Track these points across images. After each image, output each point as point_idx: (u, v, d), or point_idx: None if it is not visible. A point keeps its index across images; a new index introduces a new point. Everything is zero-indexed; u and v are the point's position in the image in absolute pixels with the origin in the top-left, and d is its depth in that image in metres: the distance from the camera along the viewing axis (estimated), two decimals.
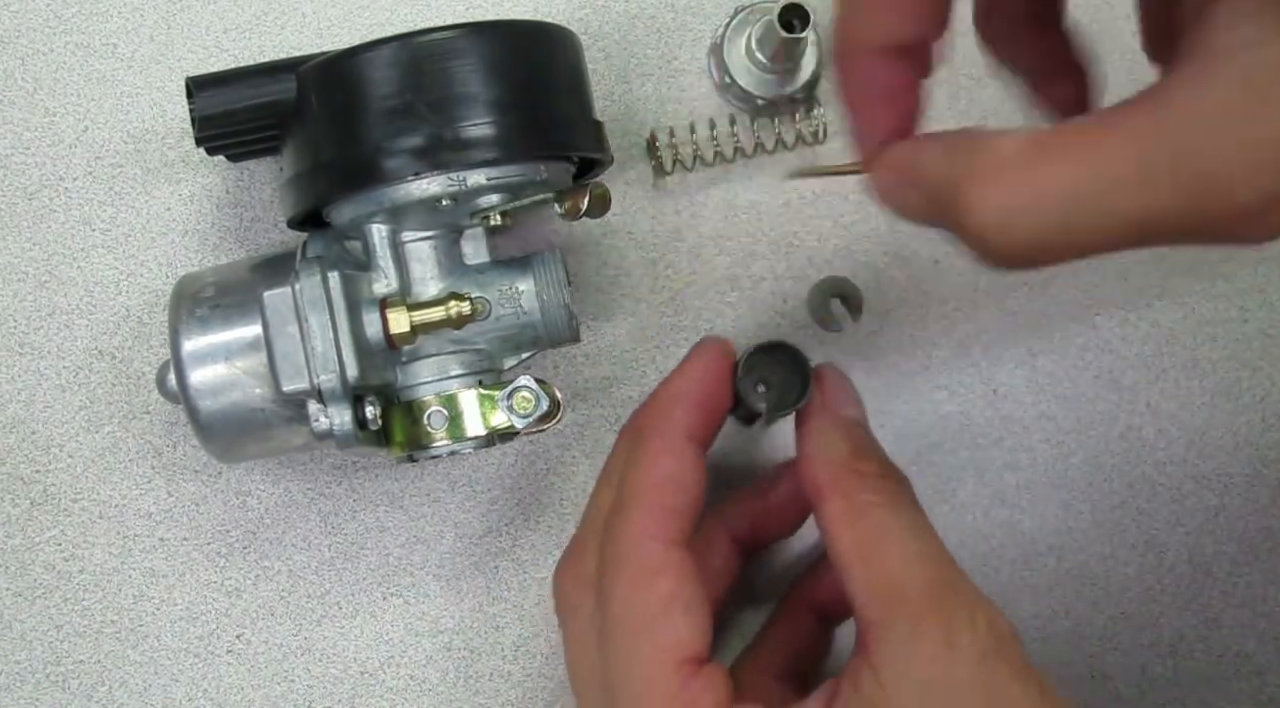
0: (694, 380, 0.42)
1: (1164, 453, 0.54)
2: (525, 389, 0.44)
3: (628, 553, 0.40)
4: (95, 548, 0.52)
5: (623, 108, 0.53)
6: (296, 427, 0.44)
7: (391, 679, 0.52)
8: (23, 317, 0.52)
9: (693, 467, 0.41)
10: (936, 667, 0.36)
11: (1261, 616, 0.54)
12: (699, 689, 0.38)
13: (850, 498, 0.39)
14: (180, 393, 0.44)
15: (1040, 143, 0.30)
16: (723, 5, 0.53)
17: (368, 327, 0.43)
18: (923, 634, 0.36)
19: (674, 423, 0.41)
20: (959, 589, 0.37)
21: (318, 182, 0.43)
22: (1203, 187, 0.29)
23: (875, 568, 0.38)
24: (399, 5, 0.52)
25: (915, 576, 0.37)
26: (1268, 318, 0.54)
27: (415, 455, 0.45)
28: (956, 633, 0.36)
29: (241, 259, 0.48)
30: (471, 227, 0.46)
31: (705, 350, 0.43)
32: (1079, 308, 0.54)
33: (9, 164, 0.52)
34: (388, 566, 0.52)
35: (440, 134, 0.41)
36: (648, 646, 0.38)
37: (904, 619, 0.36)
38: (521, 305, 0.45)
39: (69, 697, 0.51)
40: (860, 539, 0.38)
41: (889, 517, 0.39)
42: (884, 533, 0.38)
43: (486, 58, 0.42)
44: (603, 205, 0.43)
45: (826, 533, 0.39)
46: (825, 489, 0.40)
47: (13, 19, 0.52)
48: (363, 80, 0.42)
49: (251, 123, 0.44)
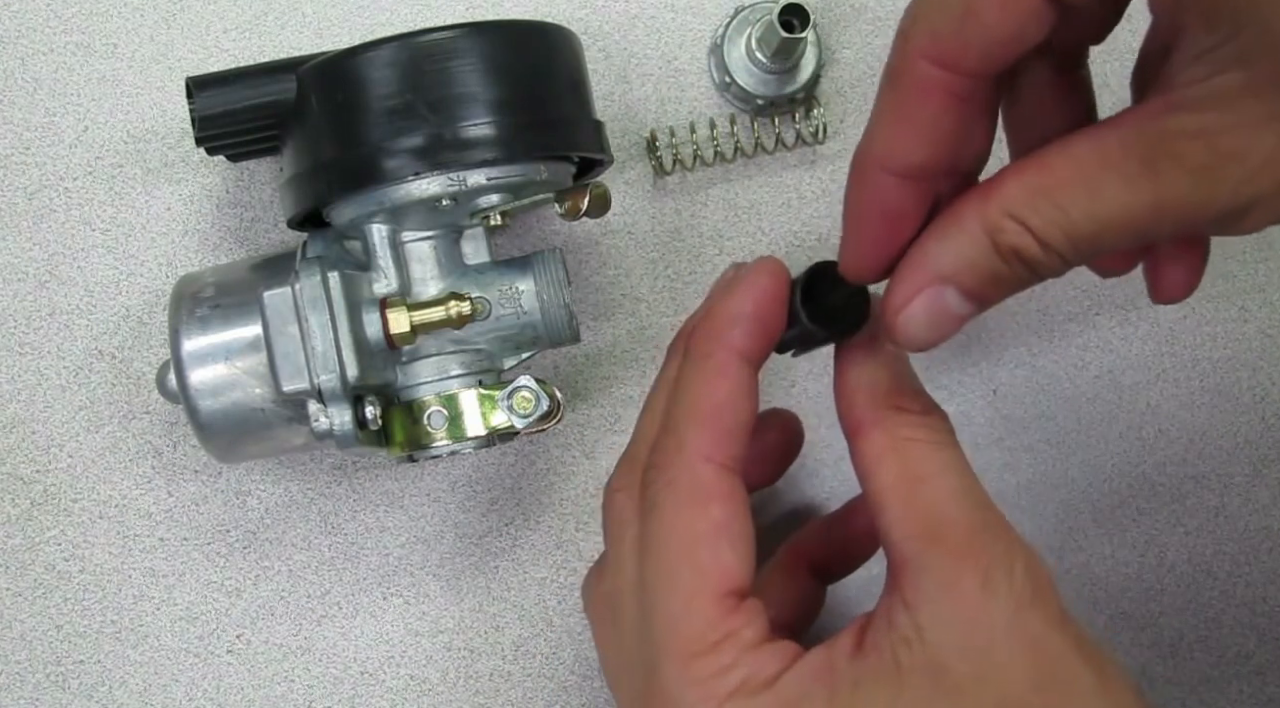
0: (752, 300, 0.40)
1: (1164, 453, 0.54)
2: (525, 389, 0.44)
3: (680, 474, 0.38)
4: (95, 548, 0.52)
5: (623, 108, 0.53)
6: (296, 427, 0.44)
7: (391, 679, 0.52)
8: (23, 317, 0.52)
9: (749, 390, 0.40)
10: (974, 610, 0.35)
11: (1261, 616, 0.54)
12: (739, 623, 0.37)
13: (892, 433, 0.38)
14: (180, 393, 0.44)
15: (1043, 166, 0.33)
16: (723, 5, 0.53)
17: (368, 327, 0.43)
18: (961, 575, 0.35)
19: (731, 343, 0.40)
20: (999, 532, 0.36)
21: (318, 182, 0.43)
22: None
23: (915, 505, 0.37)
24: (399, 5, 0.52)
25: (955, 515, 0.36)
26: (1268, 318, 0.54)
27: (415, 455, 0.45)
28: (994, 577, 0.35)
29: (241, 259, 0.48)
30: (472, 226, 0.46)
31: (763, 270, 0.41)
32: (1079, 308, 0.54)
33: (9, 164, 0.52)
34: (388, 566, 0.52)
35: (440, 134, 0.41)
36: (691, 570, 0.37)
37: (943, 558, 0.36)
38: (521, 305, 0.45)
39: (69, 697, 0.51)
40: (900, 476, 0.37)
41: (931, 454, 0.38)
42: (925, 471, 0.37)
43: (487, 58, 0.42)
44: (603, 205, 0.43)
45: (863, 469, 0.38)
46: (865, 423, 0.38)
47: (13, 19, 0.52)
48: (363, 80, 0.42)
49: (251, 123, 0.44)
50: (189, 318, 0.44)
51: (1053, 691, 0.34)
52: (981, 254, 0.34)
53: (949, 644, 0.35)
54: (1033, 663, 0.35)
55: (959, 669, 0.34)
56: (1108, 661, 0.36)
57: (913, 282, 0.35)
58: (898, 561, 0.36)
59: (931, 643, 0.35)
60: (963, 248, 0.34)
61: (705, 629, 0.37)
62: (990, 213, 0.34)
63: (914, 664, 0.35)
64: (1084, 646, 0.35)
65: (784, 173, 0.53)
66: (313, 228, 0.46)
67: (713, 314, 0.41)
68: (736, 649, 0.36)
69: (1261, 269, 0.54)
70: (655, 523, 0.39)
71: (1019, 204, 0.33)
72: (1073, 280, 0.54)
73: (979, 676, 0.34)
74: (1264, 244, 0.54)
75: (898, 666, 0.35)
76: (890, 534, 0.37)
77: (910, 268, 0.35)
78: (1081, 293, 0.54)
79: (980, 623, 0.35)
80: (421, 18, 0.52)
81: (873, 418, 0.38)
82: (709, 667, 0.36)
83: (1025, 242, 0.33)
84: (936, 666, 0.35)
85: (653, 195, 0.53)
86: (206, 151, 0.45)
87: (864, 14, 0.53)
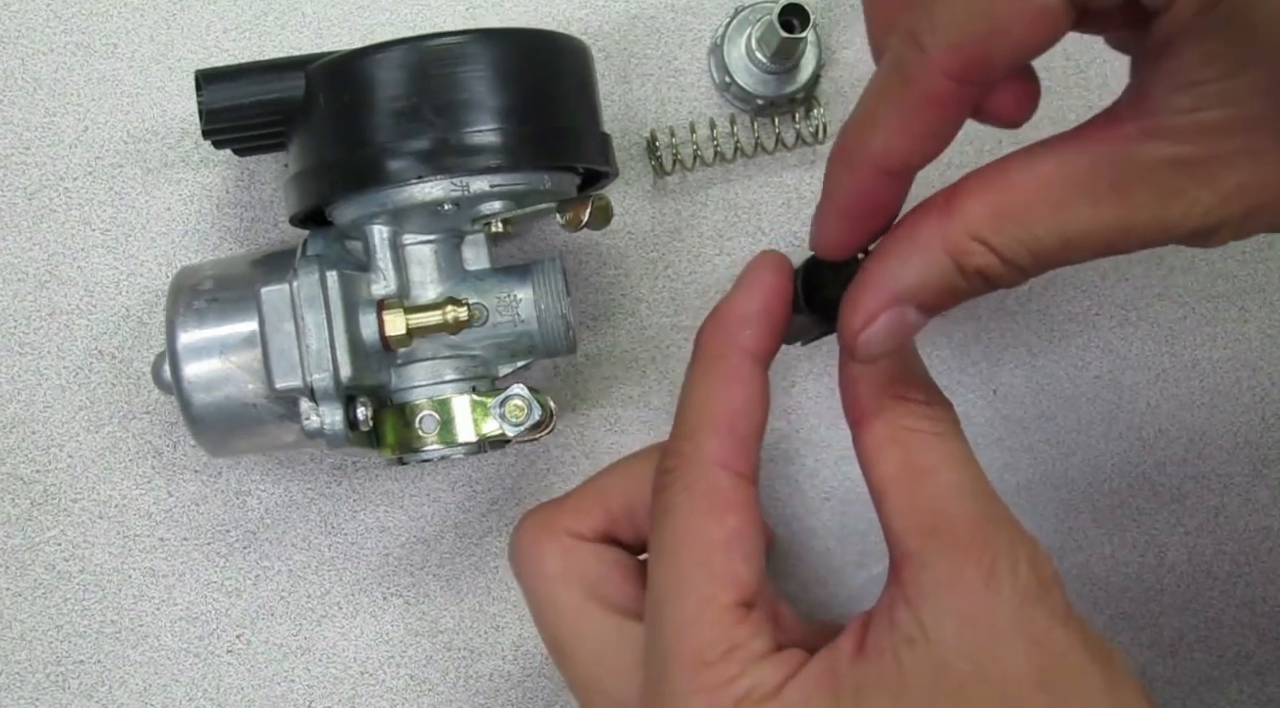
0: (760, 298, 0.39)
1: (1164, 453, 0.54)
2: (518, 398, 0.44)
3: (697, 481, 0.38)
4: (95, 548, 0.52)
5: (623, 108, 0.53)
6: (288, 424, 0.44)
7: (391, 679, 0.52)
8: (23, 317, 0.52)
9: (763, 393, 0.39)
10: (977, 606, 0.34)
11: (1261, 616, 0.54)
12: (748, 633, 0.37)
13: (894, 424, 0.37)
14: (174, 385, 0.44)
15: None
16: (723, 5, 0.53)
17: (364, 327, 0.43)
18: (964, 570, 0.35)
19: (744, 346, 0.39)
20: (1003, 525, 0.36)
21: (321, 180, 0.43)
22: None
23: (917, 498, 0.36)
24: (399, 5, 0.52)
25: (958, 508, 0.36)
26: (1268, 318, 0.54)
27: (405, 458, 0.45)
28: (998, 572, 0.35)
29: (242, 253, 0.48)
30: (473, 232, 0.46)
31: (767, 265, 0.40)
32: (1079, 308, 0.54)
33: (9, 164, 0.52)
34: (388, 566, 0.52)
35: (445, 138, 0.41)
36: (705, 578, 0.37)
37: (945, 552, 0.35)
38: (519, 314, 0.45)
39: (69, 697, 0.51)
40: (902, 468, 0.37)
41: (934, 445, 0.37)
42: (927, 462, 0.37)
43: (496, 65, 0.42)
44: (604, 217, 0.43)
45: (865, 459, 0.38)
46: (867, 413, 0.38)
47: (13, 19, 0.52)
48: (371, 81, 0.42)
49: (258, 118, 0.44)
50: (186, 310, 0.44)
51: (1058, 688, 0.34)
52: (944, 274, 0.34)
53: (951, 642, 0.34)
54: (1037, 660, 0.34)
55: (962, 667, 0.34)
56: (1114, 656, 0.35)
57: (874, 303, 0.35)
58: (899, 555, 0.36)
59: (934, 641, 0.34)
60: (926, 270, 0.34)
61: (715, 638, 0.36)
62: (953, 234, 0.34)
63: (916, 664, 0.35)
64: (1090, 641, 0.35)
65: (784, 173, 0.53)
66: (314, 226, 0.46)
67: (722, 314, 0.40)
68: (744, 659, 0.36)
69: (1261, 269, 0.54)
70: (669, 528, 0.38)
71: (982, 225, 0.34)
72: (1073, 280, 0.54)
73: (982, 673, 0.34)
74: (1264, 244, 0.54)
75: (900, 666, 0.35)
76: (891, 526, 0.36)
77: (871, 290, 0.35)
78: (1081, 293, 0.54)
79: (983, 620, 0.34)
80: (421, 18, 0.52)
81: (875, 407, 0.38)
82: (717, 676, 0.36)
83: (989, 261, 0.34)
84: (939, 664, 0.34)
85: (653, 195, 0.53)
86: (213, 145, 0.45)
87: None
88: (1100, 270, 0.54)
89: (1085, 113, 0.35)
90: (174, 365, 0.44)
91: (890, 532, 0.37)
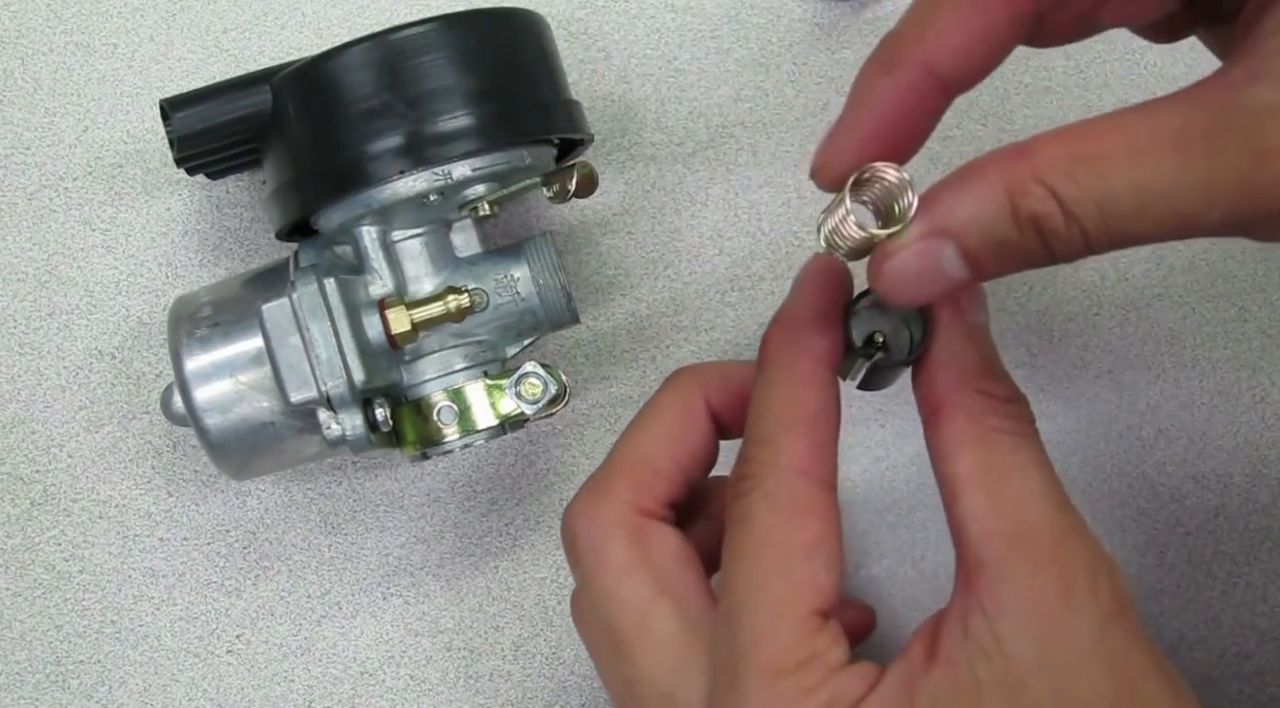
0: (826, 300, 0.38)
1: (1164, 453, 0.54)
2: (532, 375, 0.44)
3: (778, 487, 0.36)
4: (95, 548, 0.52)
5: (623, 108, 0.53)
6: (308, 436, 0.44)
7: (391, 679, 0.52)
8: (23, 317, 0.52)
9: (835, 398, 0.38)
10: (1056, 624, 0.33)
11: (1261, 616, 0.54)
12: (826, 643, 0.35)
13: (978, 422, 0.35)
14: (188, 414, 0.44)
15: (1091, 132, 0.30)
16: (723, 4, 0.53)
17: (369, 329, 0.43)
18: (1045, 586, 0.33)
19: (813, 349, 0.38)
20: (1083, 540, 0.34)
21: (303, 191, 0.43)
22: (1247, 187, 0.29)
23: (997, 501, 0.34)
24: (398, 5, 0.52)
25: (1039, 517, 0.34)
26: (1268, 318, 0.54)
27: (429, 452, 0.45)
28: (1078, 590, 0.33)
29: (232, 276, 0.48)
30: (460, 219, 0.46)
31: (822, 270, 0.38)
32: (1079, 308, 0.54)
33: (9, 164, 0.52)
34: (388, 566, 0.52)
35: (420, 130, 0.41)
36: (785, 584, 0.36)
37: (1025, 564, 0.33)
38: (519, 292, 0.45)
39: (69, 697, 0.52)
40: (982, 468, 0.35)
41: (1016, 447, 0.35)
42: (1009, 465, 0.35)
43: (457, 49, 0.42)
44: (590, 184, 0.43)
45: (940, 454, 0.36)
46: (947, 406, 0.36)
47: (13, 19, 0.52)
48: (337, 84, 0.42)
49: (231, 138, 0.44)
50: (189, 339, 0.44)
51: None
52: (996, 214, 0.31)
53: (1029, 660, 0.33)
54: (1114, 682, 0.33)
55: (1038, 687, 0.33)
56: (1181, 680, 0.34)
57: (915, 228, 0.32)
58: (973, 560, 0.34)
59: (1011, 657, 0.33)
60: (978, 203, 0.31)
61: (794, 646, 0.35)
62: (1018, 172, 0.30)
63: (992, 679, 0.33)
64: (1162, 664, 0.34)
65: (784, 173, 0.53)
66: (301, 237, 0.46)
67: (786, 318, 0.38)
68: (823, 670, 0.35)
69: (1261, 269, 0.54)
70: (747, 535, 0.37)
71: (1051, 169, 0.30)
72: (1073, 280, 0.54)
73: (1059, 694, 0.33)
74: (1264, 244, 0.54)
75: (976, 681, 0.33)
76: (967, 528, 0.35)
77: (916, 215, 0.32)
78: (1081, 293, 0.54)
79: (1062, 639, 0.33)
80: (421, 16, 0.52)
81: (955, 401, 0.36)
82: (795, 686, 0.35)
83: (1049, 209, 0.30)
84: (1015, 681, 0.33)
85: (652, 195, 0.53)
86: (187, 172, 0.45)
87: (863, 13, 0.53)
88: (1100, 270, 0.54)
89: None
90: (185, 394, 0.44)
91: (963, 533, 0.35)
